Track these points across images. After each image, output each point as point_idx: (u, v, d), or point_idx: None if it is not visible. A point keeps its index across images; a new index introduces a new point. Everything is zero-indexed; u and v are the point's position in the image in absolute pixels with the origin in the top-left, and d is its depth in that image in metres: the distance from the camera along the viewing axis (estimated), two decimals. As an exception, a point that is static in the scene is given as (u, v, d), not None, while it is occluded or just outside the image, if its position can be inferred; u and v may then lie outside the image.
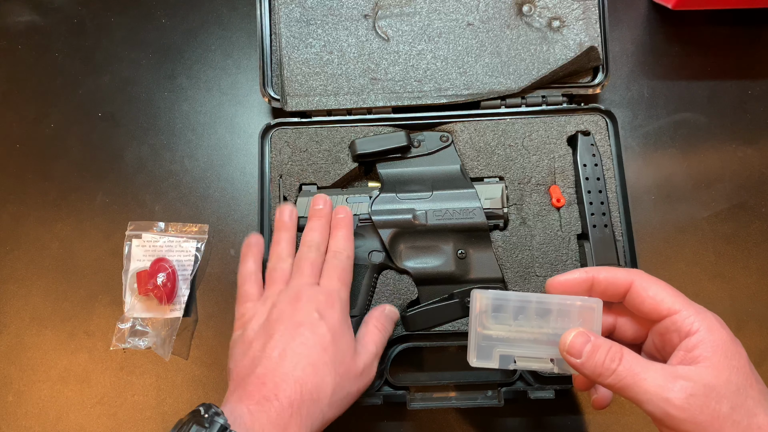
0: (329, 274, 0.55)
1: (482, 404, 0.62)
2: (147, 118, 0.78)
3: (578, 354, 0.43)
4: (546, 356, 0.46)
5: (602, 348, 0.42)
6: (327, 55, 0.71)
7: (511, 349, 0.46)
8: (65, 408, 0.69)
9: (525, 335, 0.45)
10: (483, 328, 0.46)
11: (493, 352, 0.46)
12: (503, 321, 0.46)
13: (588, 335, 0.43)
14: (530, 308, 0.46)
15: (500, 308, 0.46)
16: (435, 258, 0.65)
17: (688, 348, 0.41)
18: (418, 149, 0.69)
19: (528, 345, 0.45)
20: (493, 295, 0.46)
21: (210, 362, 0.69)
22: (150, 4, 0.82)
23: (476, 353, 0.46)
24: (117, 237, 0.73)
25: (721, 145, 0.75)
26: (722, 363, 0.40)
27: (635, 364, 0.41)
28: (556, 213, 0.67)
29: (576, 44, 0.70)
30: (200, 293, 0.72)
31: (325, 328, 0.51)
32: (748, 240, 0.72)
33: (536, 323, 0.45)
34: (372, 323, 0.56)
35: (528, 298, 0.46)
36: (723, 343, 0.41)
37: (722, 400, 0.39)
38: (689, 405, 0.39)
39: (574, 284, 0.47)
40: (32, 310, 0.72)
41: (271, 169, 0.69)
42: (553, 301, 0.46)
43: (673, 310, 0.43)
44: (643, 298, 0.44)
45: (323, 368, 0.49)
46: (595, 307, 0.45)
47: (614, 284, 0.46)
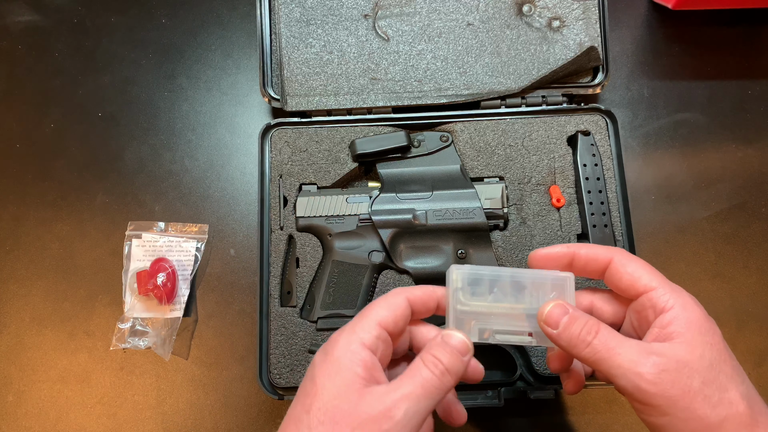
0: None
1: (482, 404, 0.62)
2: (147, 118, 0.78)
3: (555, 324, 0.43)
4: (524, 330, 0.46)
5: (579, 320, 0.42)
6: (327, 55, 0.71)
7: (488, 323, 0.45)
8: (65, 408, 0.69)
9: (502, 310, 0.45)
10: (460, 303, 0.45)
11: (470, 327, 0.45)
12: (479, 296, 0.45)
13: (566, 307, 0.43)
14: (504, 283, 0.46)
15: (476, 283, 0.46)
16: (435, 258, 0.65)
17: (662, 325, 0.42)
18: (418, 149, 0.69)
19: (505, 319, 0.45)
20: (469, 270, 0.45)
21: (210, 362, 0.69)
22: (150, 4, 0.82)
23: (454, 327, 0.45)
24: (117, 237, 0.73)
25: (721, 145, 0.75)
26: (696, 339, 0.40)
27: (610, 339, 0.41)
28: (556, 213, 0.67)
29: (576, 44, 0.70)
30: (200, 293, 0.72)
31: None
32: (748, 240, 0.72)
33: (512, 298, 0.46)
34: (418, 356, 0.42)
35: (502, 273, 0.46)
36: (697, 319, 0.41)
37: (694, 375, 0.39)
38: (660, 380, 0.39)
39: (555, 258, 0.47)
40: (32, 310, 0.72)
41: (271, 169, 0.69)
42: (526, 275, 0.46)
43: (650, 287, 0.43)
44: (621, 274, 0.44)
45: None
46: (567, 279, 0.46)
47: (594, 260, 0.46)
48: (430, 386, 0.40)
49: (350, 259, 0.65)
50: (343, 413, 0.38)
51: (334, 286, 0.65)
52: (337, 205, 0.66)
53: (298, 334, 0.64)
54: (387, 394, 0.39)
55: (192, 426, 0.68)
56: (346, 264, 0.65)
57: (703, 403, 0.39)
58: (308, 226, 0.67)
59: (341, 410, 0.38)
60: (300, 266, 0.66)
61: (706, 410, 0.39)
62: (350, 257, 0.65)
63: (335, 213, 0.66)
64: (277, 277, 0.66)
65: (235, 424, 0.68)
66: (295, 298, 0.66)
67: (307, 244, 0.67)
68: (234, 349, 0.70)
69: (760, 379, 0.67)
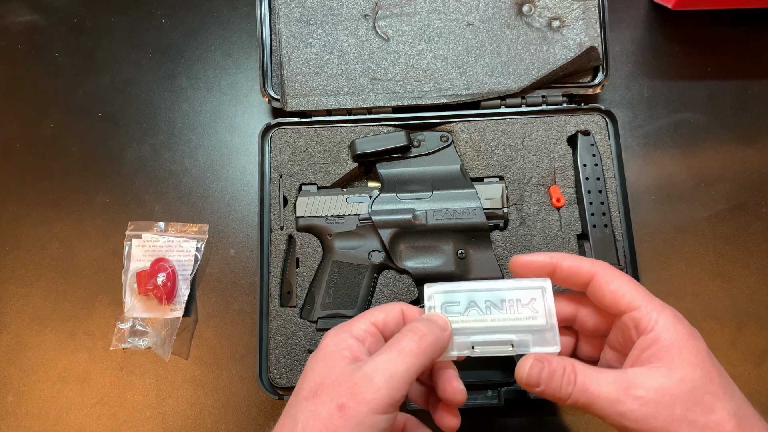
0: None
1: (482, 404, 0.62)
2: (147, 118, 0.78)
3: (536, 383, 0.42)
4: (504, 341, 0.45)
5: (557, 372, 0.42)
6: (327, 55, 0.71)
7: (468, 338, 0.45)
8: (65, 408, 0.69)
9: (480, 324, 0.45)
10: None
11: (451, 344, 0.45)
12: (456, 312, 0.46)
13: (542, 361, 0.43)
14: (480, 298, 0.46)
15: (452, 300, 0.46)
16: (435, 258, 0.65)
17: (642, 347, 0.41)
18: (418, 149, 0.69)
19: (485, 333, 0.45)
20: (443, 289, 0.46)
21: (210, 362, 0.69)
22: (150, 4, 0.82)
23: None
24: (117, 237, 0.73)
25: (721, 145, 0.75)
26: (675, 362, 0.40)
27: (589, 382, 0.41)
28: (556, 213, 0.67)
29: (576, 44, 0.70)
30: (200, 293, 0.72)
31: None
32: (748, 240, 0.72)
33: (489, 311, 0.45)
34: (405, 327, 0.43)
35: (477, 288, 0.46)
36: (678, 340, 0.41)
37: (675, 402, 0.39)
38: (642, 415, 0.39)
39: (537, 267, 0.46)
40: (32, 310, 0.72)
41: (271, 169, 0.69)
42: (502, 288, 0.46)
43: (633, 306, 0.42)
44: (604, 291, 0.43)
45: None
46: (544, 288, 0.45)
47: (577, 274, 0.45)
48: (409, 351, 0.40)
49: (350, 259, 0.65)
50: (325, 386, 0.39)
51: (334, 286, 0.65)
52: (337, 205, 0.66)
53: (298, 334, 0.64)
54: (366, 363, 0.40)
55: (192, 426, 0.68)
56: (346, 264, 0.65)
57: (688, 428, 0.38)
58: (308, 226, 0.67)
59: (324, 384, 0.40)
60: (300, 266, 0.66)
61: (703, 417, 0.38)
62: (350, 257, 0.65)
63: (335, 213, 0.66)
64: (277, 277, 0.66)
65: (235, 424, 0.68)
66: (295, 298, 0.66)
67: (307, 244, 0.67)
68: (234, 349, 0.70)
69: (760, 379, 0.67)
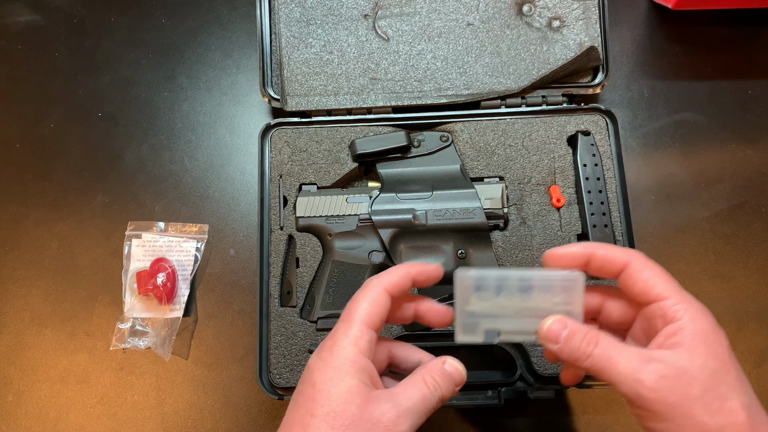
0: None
1: (482, 404, 0.62)
2: (147, 118, 0.78)
3: (555, 340, 0.44)
4: (530, 329, 0.46)
5: (578, 333, 0.43)
6: (327, 55, 0.71)
7: (495, 323, 0.46)
8: (65, 408, 0.69)
9: (509, 310, 0.46)
10: (467, 305, 0.46)
11: (477, 328, 0.46)
12: (486, 298, 0.46)
13: (565, 321, 0.44)
14: (512, 285, 0.46)
15: (483, 285, 0.46)
16: (435, 258, 0.65)
17: (668, 334, 0.42)
18: (418, 149, 0.69)
19: (512, 319, 0.46)
20: (475, 274, 0.46)
21: (210, 362, 0.69)
22: (150, 4, 0.82)
23: (462, 329, 0.46)
24: (117, 237, 0.73)
25: (721, 145, 0.75)
26: (698, 349, 0.41)
27: (610, 348, 0.42)
28: (556, 213, 0.67)
29: (576, 44, 0.70)
30: (200, 293, 0.72)
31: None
32: (748, 240, 0.72)
33: (519, 298, 0.46)
34: (419, 374, 0.45)
35: (509, 275, 0.46)
36: (703, 331, 0.41)
37: (694, 382, 0.39)
38: (660, 386, 0.39)
39: (572, 258, 0.47)
40: (32, 310, 0.72)
41: (271, 169, 0.69)
42: (534, 276, 0.46)
43: (662, 296, 0.43)
44: (636, 280, 0.44)
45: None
46: (577, 279, 0.45)
47: (611, 262, 0.46)
48: (429, 405, 0.43)
49: (350, 259, 0.65)
50: (353, 417, 0.40)
51: (334, 286, 0.65)
52: (337, 205, 0.66)
53: (298, 334, 0.64)
54: (395, 404, 0.41)
55: (192, 426, 0.68)
56: (346, 264, 0.65)
57: (702, 410, 0.39)
58: (308, 226, 0.67)
59: (350, 414, 0.40)
60: (300, 266, 0.66)
61: (704, 418, 0.39)
62: (350, 257, 0.65)
63: (335, 213, 0.66)
64: (277, 277, 0.66)
65: (235, 424, 0.68)
66: (295, 298, 0.66)
67: (307, 244, 0.67)
68: (234, 349, 0.70)
69: (760, 379, 0.67)
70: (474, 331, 0.46)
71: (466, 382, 0.47)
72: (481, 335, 0.46)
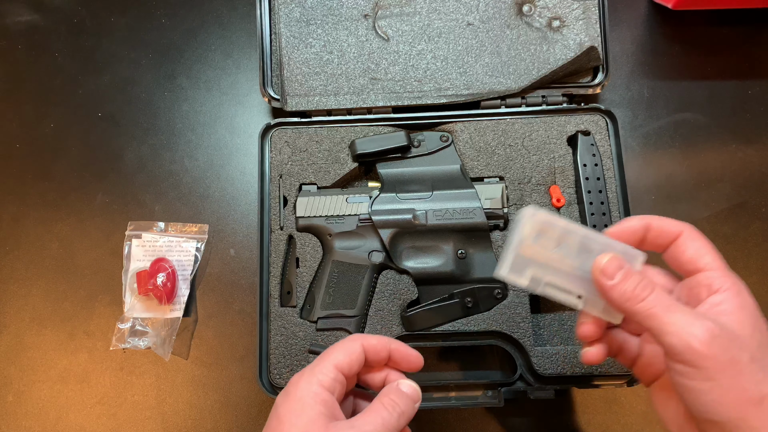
0: None
1: (482, 404, 0.62)
2: (147, 118, 0.78)
3: (612, 275, 0.43)
4: (575, 291, 0.45)
5: (635, 275, 0.43)
6: (327, 55, 0.71)
7: (543, 273, 0.45)
8: (65, 408, 0.69)
9: (561, 265, 0.45)
10: (521, 246, 0.45)
11: (525, 271, 0.45)
12: (544, 246, 0.45)
13: (622, 262, 0.43)
14: (574, 240, 0.45)
15: (545, 232, 0.45)
16: (435, 258, 0.65)
17: (713, 303, 0.42)
18: (418, 149, 0.69)
19: (561, 275, 0.45)
20: (543, 219, 0.45)
21: (210, 362, 0.69)
22: (150, 4, 0.82)
23: (510, 265, 0.45)
24: (117, 237, 0.73)
25: (721, 145, 0.75)
26: (746, 320, 0.41)
27: (665, 297, 0.42)
28: (556, 213, 0.67)
29: (576, 44, 0.70)
30: (200, 293, 0.72)
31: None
32: (748, 240, 0.72)
33: (576, 257, 0.45)
34: (377, 400, 0.46)
35: (574, 231, 0.45)
36: (749, 305, 0.42)
37: (744, 348, 0.39)
38: (713, 343, 0.39)
39: (631, 232, 0.46)
40: (32, 310, 0.72)
41: (271, 169, 0.69)
42: (598, 239, 0.45)
43: (710, 266, 0.44)
44: (686, 248, 0.45)
45: None
46: (637, 256, 0.45)
47: (666, 232, 0.46)
48: (389, 425, 0.44)
49: (350, 259, 0.65)
50: None
51: (334, 286, 0.65)
52: (337, 205, 0.66)
53: (298, 334, 0.64)
54: (351, 430, 0.42)
55: (192, 426, 0.68)
56: (346, 264, 0.65)
57: (748, 376, 0.39)
58: (308, 226, 0.67)
59: None
60: (300, 266, 0.66)
61: (749, 384, 0.39)
62: (350, 257, 0.65)
63: (335, 213, 0.66)
64: (277, 277, 0.66)
65: (235, 424, 0.68)
66: (295, 298, 0.66)
67: (307, 244, 0.67)
68: (234, 349, 0.70)
69: (760, 379, 0.67)
70: (521, 272, 0.45)
71: (465, 382, 0.47)
72: (527, 279, 0.45)
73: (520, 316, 0.63)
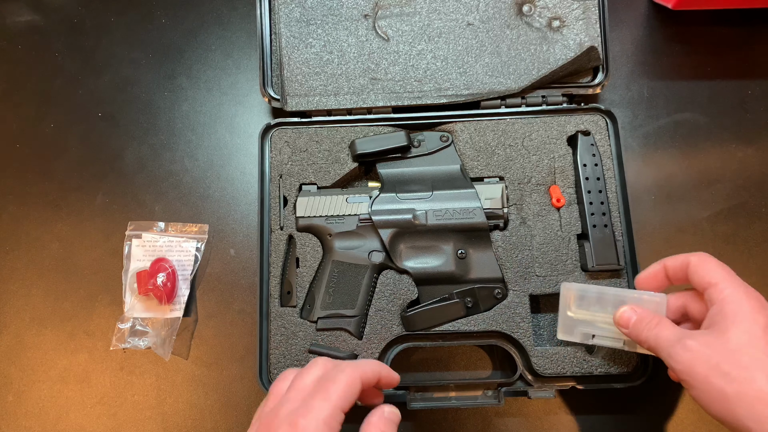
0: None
1: (482, 404, 0.62)
2: (147, 118, 0.78)
3: (626, 324, 0.54)
4: (620, 337, 0.56)
5: (645, 319, 0.52)
6: (327, 55, 0.71)
7: (590, 329, 0.57)
8: (65, 408, 0.69)
9: (603, 319, 0.56)
10: (568, 311, 0.57)
11: (575, 330, 0.57)
12: (585, 307, 0.57)
13: (636, 309, 0.54)
14: (607, 299, 0.56)
15: (583, 298, 0.57)
16: (435, 258, 0.65)
17: (710, 315, 0.49)
18: (418, 149, 0.69)
19: (605, 327, 0.57)
20: (578, 287, 0.57)
21: (210, 362, 0.69)
22: (150, 4, 0.82)
23: (563, 330, 0.58)
24: (117, 237, 0.73)
25: (721, 145, 0.75)
26: (728, 327, 0.47)
27: (661, 330, 0.50)
28: (556, 213, 0.67)
29: (576, 44, 0.70)
30: (200, 293, 0.72)
31: None
32: (748, 240, 0.72)
33: (612, 311, 0.56)
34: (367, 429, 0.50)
35: (607, 291, 0.57)
36: (739, 312, 0.47)
37: (714, 354, 0.46)
38: (684, 359, 0.47)
39: (654, 275, 0.56)
40: (32, 310, 0.72)
41: (271, 169, 0.69)
42: (628, 295, 0.56)
43: (712, 282, 0.50)
44: (695, 270, 0.52)
45: None
46: (659, 301, 0.54)
47: (679, 265, 0.54)
48: None
49: (350, 259, 0.65)
50: None
51: (334, 286, 0.65)
52: (337, 205, 0.66)
53: (298, 334, 0.64)
54: None
55: (192, 426, 0.68)
56: (346, 264, 0.65)
57: (720, 379, 0.45)
58: (308, 226, 0.67)
59: None
60: (300, 266, 0.66)
61: (722, 385, 0.45)
62: (350, 257, 0.65)
63: (335, 213, 0.66)
64: (277, 277, 0.66)
65: (235, 424, 0.68)
66: (295, 298, 0.66)
67: (307, 244, 0.67)
68: (234, 349, 0.70)
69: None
70: (572, 332, 0.57)
71: (465, 382, 0.54)
72: (578, 336, 0.57)
73: (520, 316, 0.63)
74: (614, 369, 0.62)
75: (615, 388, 0.62)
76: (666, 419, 0.66)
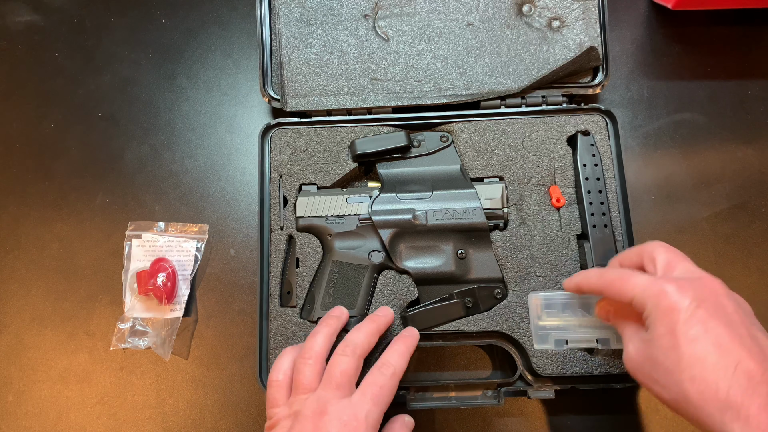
0: (365, 390, 0.51)
1: (482, 404, 0.62)
2: (147, 118, 0.78)
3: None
4: (591, 337, 0.58)
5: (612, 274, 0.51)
6: (327, 55, 0.71)
7: (563, 334, 0.58)
8: (65, 408, 0.69)
9: (573, 323, 0.58)
10: (539, 320, 0.59)
11: (549, 338, 0.58)
12: (554, 315, 0.58)
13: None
14: (574, 303, 0.58)
15: (550, 305, 0.58)
16: (435, 258, 0.65)
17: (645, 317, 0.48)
18: (418, 149, 0.69)
19: (576, 330, 0.58)
20: (543, 296, 0.59)
21: (210, 362, 0.69)
22: (150, 4, 0.82)
23: (537, 339, 0.58)
24: (117, 237, 0.73)
25: (721, 145, 0.75)
26: (656, 326, 0.46)
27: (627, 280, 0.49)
28: (556, 213, 0.67)
29: (576, 44, 0.70)
30: (200, 293, 0.72)
31: None
32: (748, 240, 0.72)
33: (580, 314, 0.58)
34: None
35: (572, 297, 0.58)
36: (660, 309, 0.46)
37: (656, 350, 0.45)
38: (631, 358, 0.48)
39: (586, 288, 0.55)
40: (32, 310, 0.72)
41: (271, 169, 0.69)
42: (593, 298, 0.57)
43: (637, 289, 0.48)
44: (646, 264, 0.52)
45: None
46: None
47: (630, 260, 0.54)
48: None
49: (350, 259, 0.65)
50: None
51: (334, 286, 0.65)
52: (337, 205, 0.66)
53: (298, 334, 0.64)
54: None
55: (192, 426, 0.68)
56: (346, 264, 0.65)
57: (653, 385, 0.46)
58: (308, 226, 0.67)
59: None
60: (300, 266, 0.66)
61: (666, 380, 0.45)
62: (350, 257, 0.65)
63: (335, 213, 0.66)
64: (277, 277, 0.66)
65: (235, 424, 0.68)
66: (295, 298, 0.66)
67: (307, 244, 0.67)
68: (234, 349, 0.70)
69: (760, 379, 0.67)
70: (546, 340, 0.58)
71: (465, 382, 0.55)
72: (552, 343, 0.58)
73: (519, 316, 0.63)
74: (614, 369, 0.62)
75: (615, 388, 0.62)
76: (666, 419, 0.66)
